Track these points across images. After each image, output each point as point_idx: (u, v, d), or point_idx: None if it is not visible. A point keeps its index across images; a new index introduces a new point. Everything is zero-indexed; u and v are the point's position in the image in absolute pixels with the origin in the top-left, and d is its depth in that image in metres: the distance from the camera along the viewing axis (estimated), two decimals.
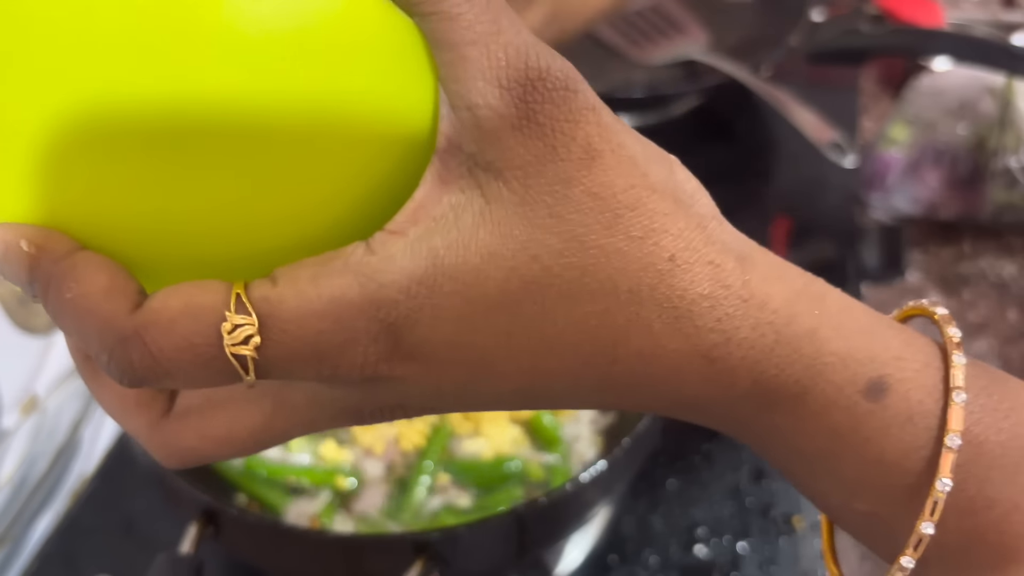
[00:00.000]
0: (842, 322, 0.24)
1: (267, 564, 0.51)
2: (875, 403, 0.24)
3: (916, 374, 0.24)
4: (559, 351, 0.23)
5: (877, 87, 0.91)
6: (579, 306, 0.22)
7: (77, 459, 0.63)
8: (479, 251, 0.21)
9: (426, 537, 0.42)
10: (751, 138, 0.86)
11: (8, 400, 0.54)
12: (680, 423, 0.26)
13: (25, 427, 0.56)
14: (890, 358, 0.24)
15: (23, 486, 0.58)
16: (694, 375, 0.23)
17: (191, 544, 0.44)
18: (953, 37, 0.80)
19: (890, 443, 0.24)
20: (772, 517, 0.58)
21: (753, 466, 0.61)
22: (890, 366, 0.24)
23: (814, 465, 0.25)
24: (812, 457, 0.25)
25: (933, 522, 0.23)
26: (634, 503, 0.59)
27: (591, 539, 0.57)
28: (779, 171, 0.85)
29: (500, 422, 0.55)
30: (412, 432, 0.55)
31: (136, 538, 0.58)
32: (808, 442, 0.24)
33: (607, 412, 0.58)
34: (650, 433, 0.48)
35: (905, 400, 0.24)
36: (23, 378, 0.56)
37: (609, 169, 0.22)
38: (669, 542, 0.57)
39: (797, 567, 0.55)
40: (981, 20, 0.92)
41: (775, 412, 0.24)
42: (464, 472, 0.54)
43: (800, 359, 0.23)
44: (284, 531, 0.45)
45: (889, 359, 0.24)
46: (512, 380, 0.23)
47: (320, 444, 0.55)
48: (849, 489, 0.25)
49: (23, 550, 0.59)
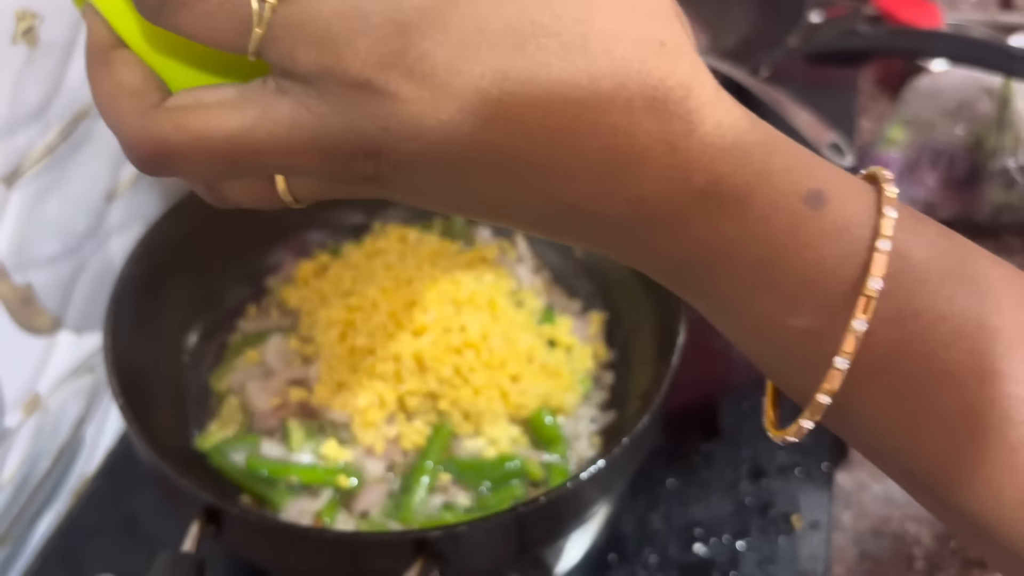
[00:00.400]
0: (791, 146, 0.26)
1: (268, 563, 0.52)
2: (814, 210, 0.25)
3: (852, 192, 0.26)
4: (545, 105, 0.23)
5: (875, 88, 0.92)
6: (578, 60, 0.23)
7: (79, 458, 0.63)
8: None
9: (426, 535, 0.42)
10: None
11: (10, 399, 0.54)
12: (679, 423, 0.26)
13: (27, 426, 0.56)
14: (830, 175, 0.26)
15: (25, 485, 0.58)
16: (656, 164, 0.24)
17: (192, 543, 0.44)
18: (951, 38, 0.81)
19: (827, 249, 0.25)
20: (771, 516, 0.58)
21: (752, 465, 0.61)
22: (830, 181, 0.26)
23: (758, 278, 0.26)
24: (757, 268, 0.26)
25: (866, 319, 0.25)
26: (633, 502, 0.59)
27: (591, 538, 0.57)
28: None
29: (500, 422, 0.56)
30: (412, 432, 0.55)
31: (138, 537, 0.58)
32: (753, 249, 0.25)
33: (607, 411, 0.58)
34: (649, 432, 0.49)
35: (842, 210, 0.25)
36: (25, 377, 0.56)
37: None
38: (668, 541, 0.57)
39: (796, 566, 0.55)
40: (979, 21, 0.92)
41: (722, 217, 0.25)
42: (464, 471, 0.54)
43: (750, 163, 0.25)
44: (285, 530, 0.45)
45: (829, 176, 0.26)
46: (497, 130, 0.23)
47: (321, 444, 0.55)
48: (787, 303, 0.26)
49: (25, 549, 0.59)
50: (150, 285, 0.55)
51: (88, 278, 0.60)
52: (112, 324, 0.50)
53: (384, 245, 0.65)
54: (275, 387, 0.58)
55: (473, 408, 0.55)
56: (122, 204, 0.62)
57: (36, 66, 0.50)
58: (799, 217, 0.25)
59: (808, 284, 0.26)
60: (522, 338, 0.59)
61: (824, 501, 0.58)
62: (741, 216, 0.25)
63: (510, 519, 0.43)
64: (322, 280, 0.64)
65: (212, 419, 0.58)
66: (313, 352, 0.60)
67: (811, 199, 0.25)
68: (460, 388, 0.55)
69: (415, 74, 0.23)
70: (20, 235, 0.53)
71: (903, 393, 0.26)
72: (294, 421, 0.56)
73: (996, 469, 0.25)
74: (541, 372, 0.58)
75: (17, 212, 0.52)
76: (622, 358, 0.61)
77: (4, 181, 0.51)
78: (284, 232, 0.67)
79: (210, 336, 0.62)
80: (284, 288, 0.65)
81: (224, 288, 0.63)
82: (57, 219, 0.56)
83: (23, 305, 0.54)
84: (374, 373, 0.56)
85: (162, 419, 0.54)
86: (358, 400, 0.55)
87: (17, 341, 0.54)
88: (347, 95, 0.23)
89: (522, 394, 0.56)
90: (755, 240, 0.25)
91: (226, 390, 0.59)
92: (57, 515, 0.61)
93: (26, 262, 0.54)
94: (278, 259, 0.67)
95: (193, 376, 0.60)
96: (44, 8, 0.50)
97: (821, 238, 0.25)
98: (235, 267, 0.64)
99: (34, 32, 0.50)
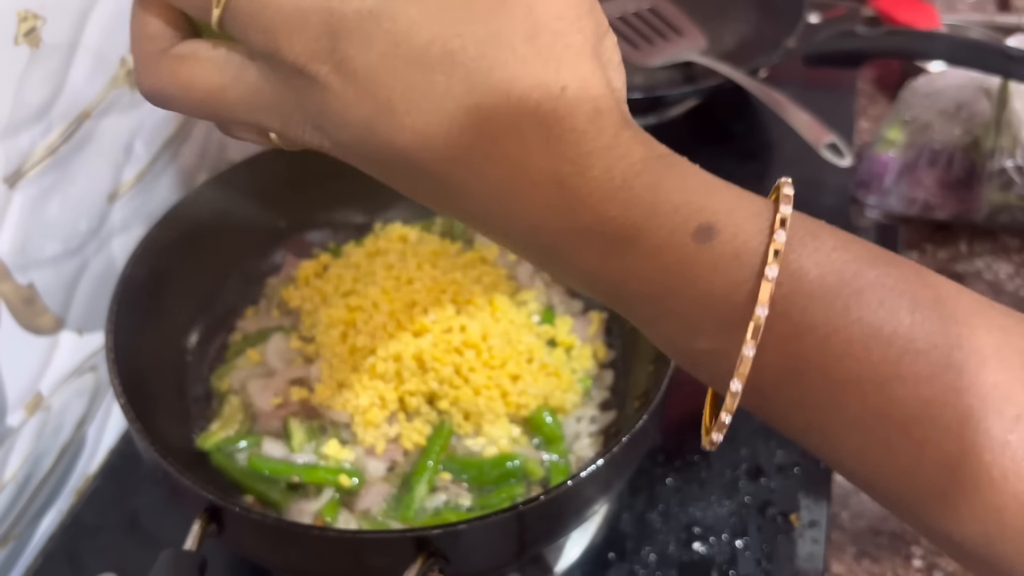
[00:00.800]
0: (687, 182, 0.27)
1: (270, 561, 0.52)
2: (703, 244, 0.26)
3: (744, 221, 0.27)
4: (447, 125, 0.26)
5: (873, 89, 0.92)
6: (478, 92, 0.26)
7: (81, 457, 0.63)
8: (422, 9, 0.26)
9: (427, 534, 0.42)
10: (748, 140, 0.86)
11: (12, 399, 0.55)
12: (678, 422, 0.27)
13: (29, 425, 0.56)
14: (722, 208, 0.27)
15: (27, 484, 0.58)
16: (545, 199, 0.26)
17: (194, 541, 0.44)
18: (949, 39, 0.81)
19: (718, 280, 0.26)
20: (770, 515, 0.58)
21: (751, 464, 0.61)
22: (720, 214, 0.27)
23: (656, 308, 0.28)
24: (653, 299, 0.27)
25: (754, 344, 0.26)
26: (633, 501, 0.60)
27: (590, 536, 0.58)
28: (776, 172, 0.85)
29: (500, 422, 0.56)
30: (413, 431, 0.55)
31: (139, 536, 0.58)
32: (646, 284, 0.27)
33: (607, 410, 0.59)
34: (648, 431, 0.49)
35: (732, 241, 0.26)
36: (27, 377, 0.56)
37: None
38: (668, 539, 0.57)
39: (794, 565, 0.56)
40: (977, 22, 0.92)
41: (611, 254, 0.27)
42: (465, 471, 0.54)
43: (638, 205, 0.26)
44: (286, 528, 0.45)
45: (720, 209, 0.27)
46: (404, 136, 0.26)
47: (322, 443, 0.55)
48: (690, 328, 0.27)
49: (28, 548, 0.59)
50: (152, 285, 0.55)
51: (90, 278, 0.60)
52: (114, 324, 0.51)
53: (385, 245, 0.65)
54: (276, 387, 0.58)
55: (473, 408, 0.55)
56: (124, 204, 0.62)
57: (38, 67, 0.51)
58: (687, 253, 0.26)
59: (704, 311, 0.27)
60: (522, 338, 0.59)
61: (822, 500, 0.59)
62: (630, 253, 0.27)
63: (510, 517, 0.43)
64: (323, 280, 0.64)
65: (213, 418, 0.58)
66: (314, 352, 0.60)
67: (700, 234, 0.26)
68: (460, 388, 0.56)
69: (341, 71, 0.26)
70: (22, 235, 0.53)
71: (804, 403, 0.27)
72: (295, 421, 0.56)
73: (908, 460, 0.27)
74: (541, 372, 0.58)
75: (19, 212, 0.52)
76: (622, 358, 0.61)
77: (6, 181, 0.51)
78: (285, 232, 0.67)
79: (211, 336, 0.62)
80: (285, 288, 0.65)
81: (225, 288, 0.64)
82: (59, 219, 0.56)
83: (25, 305, 0.55)
84: (375, 373, 0.56)
85: (164, 418, 0.54)
86: (359, 400, 0.55)
87: (19, 341, 0.54)
88: (291, 76, 0.27)
89: (522, 394, 0.56)
90: (645, 275, 0.27)
91: (227, 390, 0.59)
92: (59, 514, 0.61)
93: (28, 262, 0.54)
94: (279, 259, 0.67)
95: (195, 375, 0.60)
96: (46, 9, 0.50)
97: (711, 270, 0.26)
98: (236, 267, 0.64)
99: (36, 33, 0.50)
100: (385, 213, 0.70)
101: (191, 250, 0.59)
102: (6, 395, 0.54)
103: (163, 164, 0.66)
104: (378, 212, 0.70)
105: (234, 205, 0.61)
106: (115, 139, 0.59)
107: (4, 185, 0.51)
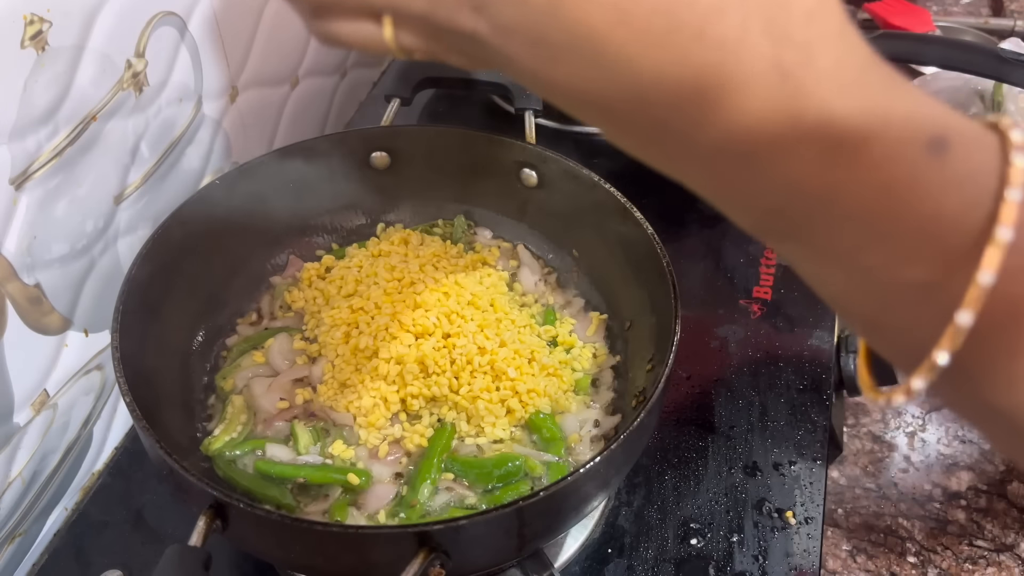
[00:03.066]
0: (913, 90, 0.24)
1: (274, 557, 0.52)
2: (936, 158, 0.23)
3: (976, 138, 0.24)
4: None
5: None
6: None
7: (87, 455, 0.64)
8: None
9: (428, 529, 0.43)
10: None
11: (20, 397, 0.55)
12: (676, 420, 0.27)
13: (36, 423, 0.57)
14: (952, 122, 0.24)
15: (34, 481, 0.58)
16: (763, 92, 0.22)
17: (199, 537, 0.44)
18: (943, 43, 0.81)
19: (949, 199, 0.23)
20: (765, 511, 0.59)
21: (747, 462, 0.62)
22: (953, 127, 0.23)
23: (867, 231, 0.24)
24: (866, 220, 0.23)
25: (993, 271, 0.22)
26: (631, 497, 0.60)
27: (589, 532, 0.58)
28: None
29: (501, 422, 0.56)
30: (415, 433, 0.56)
31: (145, 532, 0.59)
32: (863, 201, 0.23)
33: (606, 409, 0.59)
34: (646, 429, 0.49)
35: (965, 159, 0.23)
36: (34, 376, 0.56)
37: None
38: (665, 535, 0.58)
39: (790, 561, 0.56)
40: (970, 25, 0.93)
41: (832, 162, 0.23)
42: (467, 471, 0.54)
43: (871, 105, 0.23)
44: (290, 524, 0.45)
45: (951, 123, 0.24)
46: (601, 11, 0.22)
47: (327, 445, 0.56)
48: (901, 256, 0.24)
49: (34, 544, 0.60)
50: (157, 285, 0.56)
51: (96, 278, 0.61)
52: (120, 323, 0.51)
53: (387, 248, 0.66)
54: (280, 387, 0.59)
55: (475, 409, 0.56)
56: (130, 205, 0.63)
57: (44, 70, 0.51)
58: (918, 167, 0.23)
59: (926, 236, 0.23)
60: (523, 339, 0.60)
61: (818, 497, 0.59)
62: (854, 162, 0.23)
63: (510, 513, 0.44)
64: (326, 281, 0.65)
65: (218, 418, 0.58)
66: (317, 352, 0.60)
67: (933, 146, 0.23)
68: (462, 390, 0.56)
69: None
70: (29, 236, 0.53)
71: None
72: (299, 424, 0.57)
73: None
74: (541, 372, 0.59)
75: (26, 214, 0.53)
76: (622, 358, 0.62)
77: (13, 183, 0.51)
78: (289, 234, 0.68)
79: (216, 335, 0.63)
80: (289, 289, 0.65)
81: (230, 289, 0.64)
82: (65, 220, 0.56)
83: (32, 305, 0.55)
84: (377, 374, 0.56)
85: (169, 416, 0.55)
86: (362, 400, 0.56)
87: (27, 340, 0.55)
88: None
89: (522, 394, 0.57)
90: (868, 189, 0.23)
91: (231, 389, 0.60)
92: (65, 510, 0.62)
93: (35, 263, 0.54)
94: (283, 260, 0.68)
95: (199, 374, 0.60)
96: (52, 13, 0.51)
97: (943, 188, 0.23)
98: (241, 268, 0.65)
99: (43, 36, 0.50)
100: (387, 216, 0.70)
101: (196, 251, 0.60)
102: (13, 393, 0.55)
103: (168, 166, 0.66)
104: (381, 215, 0.70)
105: (238, 207, 0.61)
106: (121, 141, 0.60)
107: (11, 187, 0.51)
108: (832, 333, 0.70)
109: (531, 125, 0.67)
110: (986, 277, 0.22)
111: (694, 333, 0.67)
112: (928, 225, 0.23)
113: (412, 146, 0.67)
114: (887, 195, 0.23)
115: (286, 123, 0.84)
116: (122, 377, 0.49)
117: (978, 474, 0.74)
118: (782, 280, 0.74)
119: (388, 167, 0.67)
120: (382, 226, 0.70)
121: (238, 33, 0.71)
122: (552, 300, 0.66)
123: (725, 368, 0.67)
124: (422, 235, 0.68)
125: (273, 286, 0.66)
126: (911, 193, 0.23)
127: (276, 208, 0.65)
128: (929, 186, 0.23)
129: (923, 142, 0.23)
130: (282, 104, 0.82)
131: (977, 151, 0.23)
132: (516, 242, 0.69)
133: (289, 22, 0.80)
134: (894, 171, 0.23)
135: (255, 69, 0.75)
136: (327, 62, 0.89)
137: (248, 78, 0.75)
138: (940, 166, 0.23)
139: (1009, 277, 0.23)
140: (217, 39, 0.69)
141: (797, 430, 0.64)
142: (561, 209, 0.65)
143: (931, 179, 0.23)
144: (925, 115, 0.23)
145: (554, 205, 0.65)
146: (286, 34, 0.80)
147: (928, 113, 0.23)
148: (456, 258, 0.66)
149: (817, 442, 0.63)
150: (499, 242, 0.69)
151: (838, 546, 0.60)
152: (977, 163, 0.23)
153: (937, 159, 0.23)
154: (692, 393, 0.65)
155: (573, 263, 0.67)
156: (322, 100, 0.91)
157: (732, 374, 0.67)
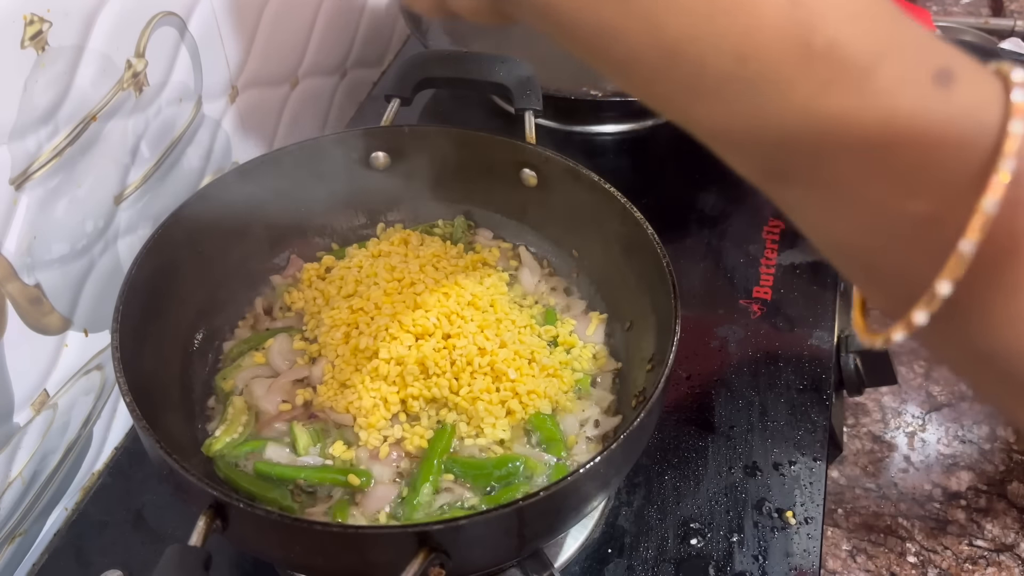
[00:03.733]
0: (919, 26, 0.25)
1: (274, 557, 0.52)
2: (942, 89, 0.23)
3: (980, 73, 0.24)
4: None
5: None
6: None
7: (87, 455, 0.64)
8: None
9: (428, 529, 0.43)
10: None
11: (20, 397, 0.55)
12: (675, 420, 0.27)
13: (36, 423, 0.57)
14: (957, 57, 0.24)
15: (34, 481, 0.58)
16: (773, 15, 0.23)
17: (199, 537, 0.44)
18: None
19: (954, 130, 0.23)
20: (765, 511, 0.59)
21: (747, 462, 0.62)
22: (957, 62, 0.24)
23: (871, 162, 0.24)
24: (871, 149, 0.24)
25: (997, 200, 0.23)
26: (631, 497, 0.60)
27: (589, 532, 0.58)
28: None
29: (501, 423, 0.56)
30: (415, 434, 0.56)
31: (145, 532, 0.59)
32: (867, 129, 0.24)
33: (606, 409, 0.59)
34: (646, 429, 0.49)
35: (971, 91, 0.24)
36: (34, 376, 0.56)
37: None
38: (665, 535, 0.58)
39: (790, 561, 0.56)
40: (971, 25, 0.93)
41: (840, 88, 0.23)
42: (468, 471, 0.54)
43: (880, 31, 0.23)
44: (290, 524, 0.45)
45: (956, 57, 0.24)
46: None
47: (327, 446, 0.56)
48: (905, 187, 0.24)
49: (34, 544, 0.60)
50: (157, 285, 0.56)
51: (96, 278, 0.61)
52: (120, 323, 0.51)
53: (387, 248, 0.66)
54: (280, 387, 0.59)
55: (475, 410, 0.56)
56: (130, 206, 0.63)
57: (45, 70, 0.51)
58: (925, 96, 0.23)
59: (930, 166, 0.24)
60: (523, 339, 0.60)
61: (818, 497, 0.59)
62: (862, 88, 0.23)
63: (510, 513, 0.44)
64: (326, 282, 0.65)
65: (218, 418, 0.58)
66: (317, 352, 0.60)
67: (939, 78, 0.23)
68: (462, 390, 0.56)
69: None
70: (29, 236, 0.53)
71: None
72: (298, 425, 0.57)
73: None
74: (541, 373, 0.59)
75: (26, 214, 0.53)
76: (622, 358, 0.62)
77: (13, 183, 0.51)
78: (289, 234, 0.68)
79: (216, 335, 0.63)
80: (289, 289, 0.65)
81: (230, 289, 0.64)
82: (65, 220, 0.56)
83: (32, 305, 0.55)
84: (377, 375, 0.57)
85: (169, 416, 0.55)
86: (362, 401, 0.56)
87: (26, 340, 0.55)
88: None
89: (523, 394, 0.57)
90: (875, 117, 0.23)
91: (231, 390, 0.60)
92: (65, 510, 0.62)
93: (35, 263, 0.55)
94: (283, 260, 0.68)
95: (199, 374, 0.61)
96: (53, 13, 0.51)
97: (947, 119, 0.23)
98: (241, 268, 0.65)
99: (43, 36, 0.50)
100: (388, 216, 0.70)
101: (196, 251, 0.60)
102: (13, 393, 0.55)
103: (168, 166, 0.66)
104: (381, 215, 0.70)
105: (239, 207, 0.62)
106: (121, 141, 0.60)
107: (11, 187, 0.51)
108: (832, 333, 0.70)
109: (531, 125, 0.67)
110: (990, 204, 0.23)
111: (694, 333, 0.67)
112: (932, 156, 0.23)
113: (412, 146, 0.67)
114: (892, 124, 0.23)
115: (286, 123, 0.84)
116: (122, 377, 0.49)
117: (978, 474, 0.74)
118: (782, 280, 0.74)
119: (388, 167, 0.67)
120: (382, 226, 0.70)
121: (238, 33, 0.71)
122: (552, 301, 0.66)
123: (725, 368, 0.67)
124: (422, 235, 0.68)
125: (273, 286, 0.67)
126: (916, 123, 0.23)
127: (276, 208, 0.65)
128: (934, 116, 0.23)
129: (929, 73, 0.23)
130: (282, 104, 0.82)
131: (981, 85, 0.24)
132: (516, 242, 0.69)
133: (289, 22, 0.80)
134: (900, 100, 0.23)
135: (255, 69, 0.75)
136: (327, 62, 0.89)
137: (248, 78, 0.75)
138: (945, 97, 0.23)
139: (1010, 208, 0.23)
140: (217, 39, 0.69)
141: (797, 430, 0.64)
142: (561, 209, 0.65)
143: (936, 109, 0.23)
144: (932, 48, 0.24)
145: (554, 205, 0.65)
146: (286, 34, 0.80)
147: (935, 46, 0.24)
148: (456, 258, 0.66)
149: (817, 442, 0.63)
150: (499, 242, 0.69)
151: (838, 546, 0.60)
152: (981, 97, 0.24)
153: (943, 90, 0.23)
154: (692, 393, 0.65)
155: (573, 263, 0.67)
156: (322, 100, 0.91)
157: (732, 374, 0.67)
